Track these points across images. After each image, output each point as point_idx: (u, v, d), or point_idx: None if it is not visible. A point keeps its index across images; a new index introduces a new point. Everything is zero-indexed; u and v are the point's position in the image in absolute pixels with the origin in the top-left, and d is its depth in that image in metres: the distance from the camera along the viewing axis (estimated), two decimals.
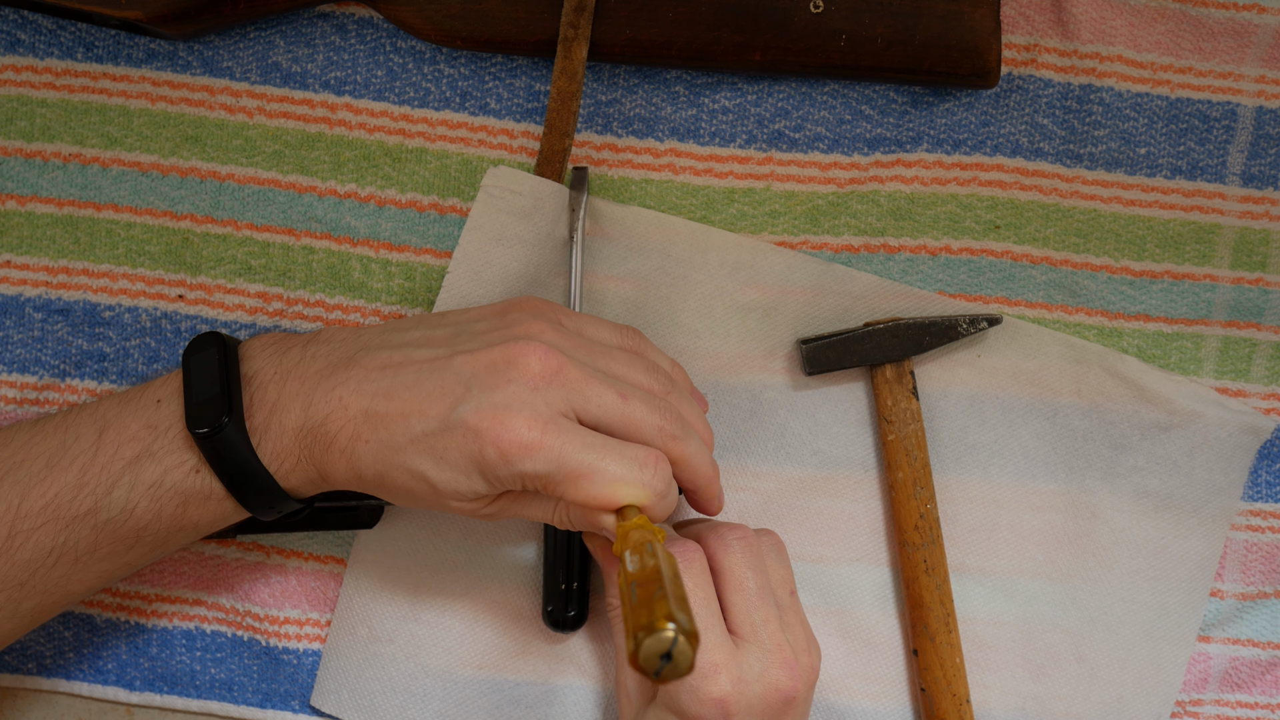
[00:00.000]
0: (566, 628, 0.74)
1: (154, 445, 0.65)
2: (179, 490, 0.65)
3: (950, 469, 0.77)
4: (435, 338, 0.66)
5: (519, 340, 0.64)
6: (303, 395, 0.65)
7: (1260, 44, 0.76)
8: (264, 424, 0.65)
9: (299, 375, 0.66)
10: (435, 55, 0.76)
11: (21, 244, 0.76)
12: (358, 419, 0.64)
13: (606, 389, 0.64)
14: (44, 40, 0.75)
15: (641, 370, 0.67)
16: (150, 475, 0.64)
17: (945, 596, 0.76)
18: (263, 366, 0.67)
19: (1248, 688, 0.79)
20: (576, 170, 0.75)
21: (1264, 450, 0.79)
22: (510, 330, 0.65)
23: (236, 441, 0.64)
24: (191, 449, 0.65)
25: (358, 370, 0.65)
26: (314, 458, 0.65)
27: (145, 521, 0.65)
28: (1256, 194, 0.78)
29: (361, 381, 0.65)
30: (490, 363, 0.63)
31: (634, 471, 0.62)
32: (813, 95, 0.77)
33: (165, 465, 0.64)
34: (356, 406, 0.64)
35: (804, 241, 0.77)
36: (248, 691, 0.77)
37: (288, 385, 0.66)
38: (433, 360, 0.64)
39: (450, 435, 0.62)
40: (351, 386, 0.65)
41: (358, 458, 0.64)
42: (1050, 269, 0.77)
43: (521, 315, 0.66)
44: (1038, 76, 0.77)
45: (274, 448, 0.65)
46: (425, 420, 0.63)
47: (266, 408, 0.65)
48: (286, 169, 0.76)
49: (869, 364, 0.75)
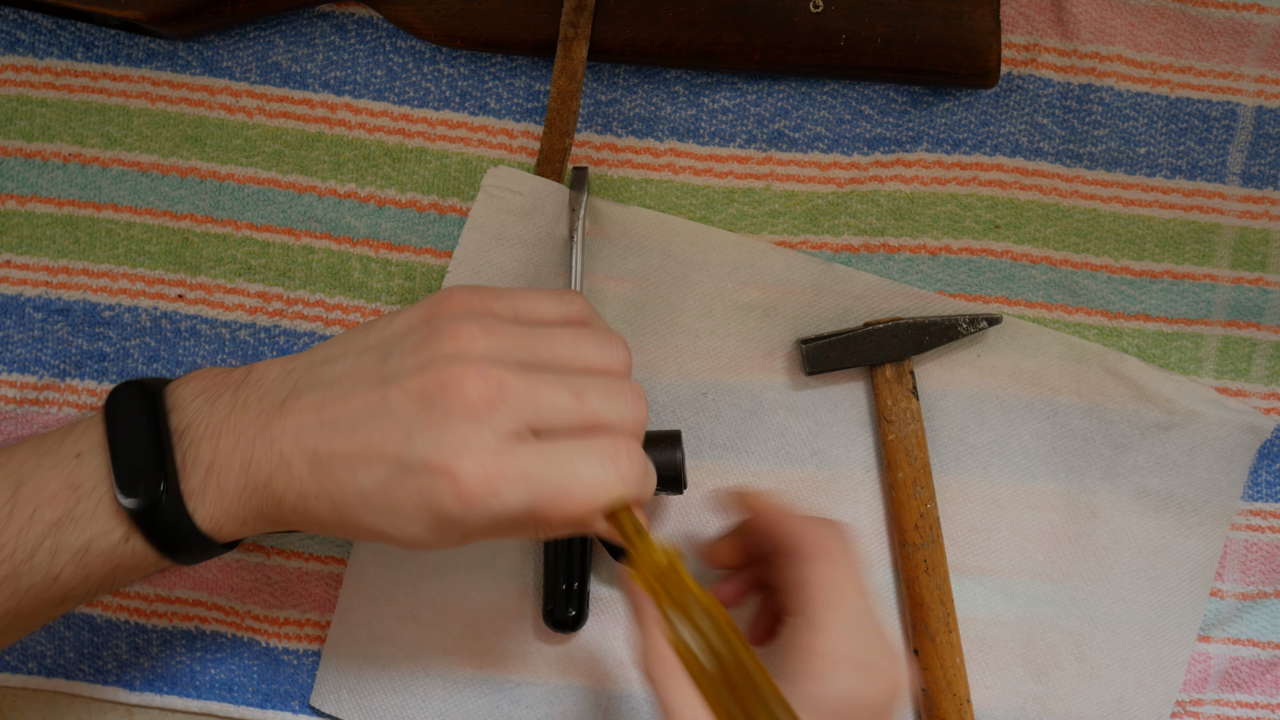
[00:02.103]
0: (567, 628, 0.74)
1: (76, 509, 0.60)
2: (107, 557, 0.60)
3: (950, 469, 0.77)
4: (364, 366, 0.59)
5: (450, 362, 0.57)
6: (240, 453, 0.59)
7: (1260, 44, 0.77)
8: (201, 487, 0.60)
9: (233, 428, 0.60)
10: (435, 55, 0.76)
11: (21, 244, 0.76)
12: (303, 475, 0.58)
13: (558, 390, 0.58)
14: (44, 40, 0.75)
15: (592, 346, 0.60)
16: (74, 541, 0.59)
17: (945, 596, 0.76)
18: (194, 419, 0.61)
19: (1248, 688, 0.79)
20: (576, 170, 0.75)
21: (1264, 450, 0.79)
22: (438, 344, 0.58)
23: (172, 511, 0.59)
24: (120, 516, 0.60)
25: (292, 417, 0.59)
26: (266, 514, 0.60)
27: (71, 585, 0.60)
28: (1256, 194, 0.78)
29: (299, 432, 0.59)
30: (424, 395, 0.56)
31: (608, 469, 0.57)
32: (812, 95, 0.77)
33: (91, 532, 0.60)
34: (299, 461, 0.58)
35: (804, 241, 0.77)
36: (248, 692, 0.77)
37: (222, 441, 0.60)
38: (366, 398, 0.58)
39: (402, 488, 0.56)
40: (290, 439, 0.59)
41: (312, 514, 0.59)
42: (1050, 269, 0.77)
43: (446, 319, 0.59)
44: (1038, 76, 0.77)
45: (213, 512, 0.60)
46: (372, 472, 0.57)
47: (202, 469, 0.60)
48: (286, 169, 0.76)
49: (869, 364, 0.75)
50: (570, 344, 0.60)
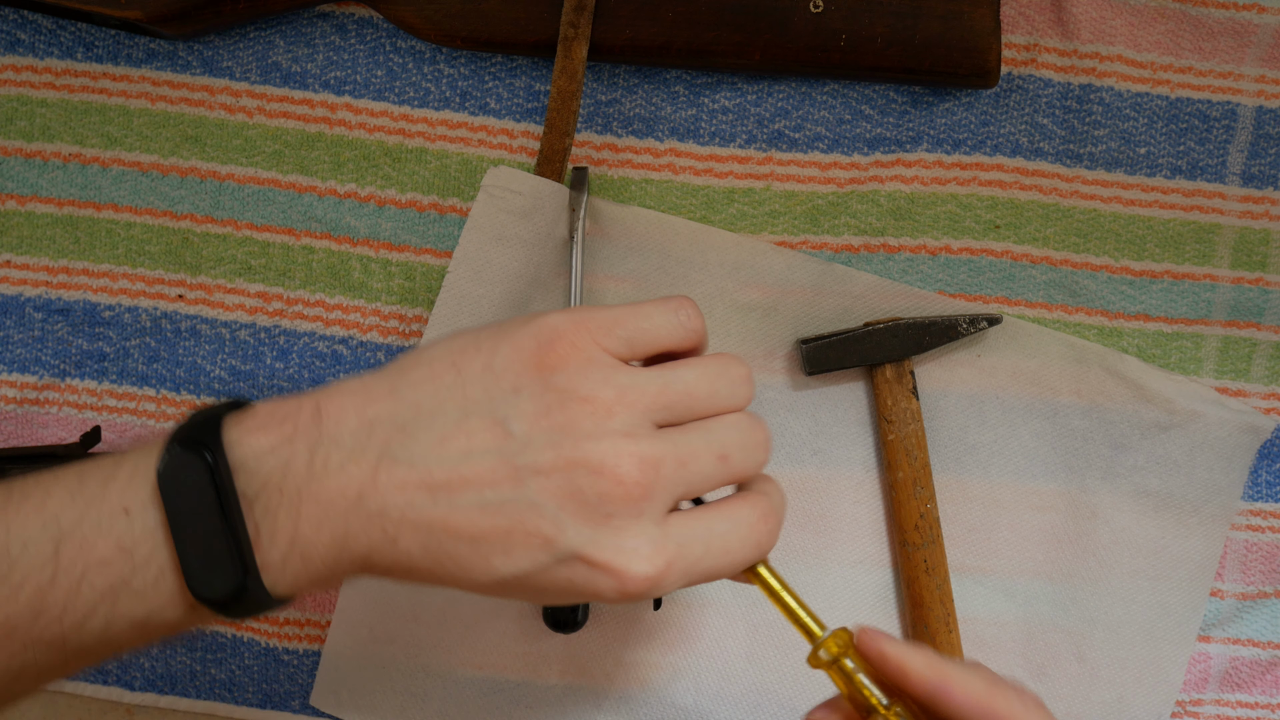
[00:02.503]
0: (567, 628, 0.74)
1: (134, 579, 0.52)
2: (169, 625, 0.54)
3: (950, 469, 0.77)
4: (474, 431, 0.53)
5: (595, 448, 0.52)
6: (330, 525, 0.53)
7: (1260, 44, 0.77)
8: (281, 562, 0.53)
9: (317, 496, 0.53)
10: (435, 55, 0.76)
11: (21, 244, 0.76)
12: (413, 553, 0.53)
13: (705, 459, 0.55)
14: (44, 40, 0.75)
15: (725, 386, 0.56)
16: (133, 612, 0.53)
17: (945, 596, 0.76)
18: (266, 481, 0.53)
19: (1248, 688, 0.79)
20: (576, 170, 0.75)
21: (1264, 450, 0.79)
22: (571, 422, 0.53)
23: (252, 595, 0.53)
24: (185, 594, 0.53)
25: (395, 491, 0.53)
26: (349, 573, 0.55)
27: (125, 647, 0.54)
28: (1256, 194, 0.78)
29: (407, 507, 0.53)
30: (573, 488, 0.52)
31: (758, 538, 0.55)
32: (813, 95, 0.77)
33: (153, 605, 0.53)
34: (409, 539, 0.53)
35: (804, 241, 0.77)
36: (248, 692, 0.77)
37: (305, 510, 0.53)
38: (494, 479, 0.53)
39: (550, 577, 0.53)
40: (396, 515, 0.53)
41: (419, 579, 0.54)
42: (1050, 269, 0.77)
43: (569, 381, 0.54)
44: (1038, 76, 0.77)
45: (295, 583, 0.54)
46: (511, 560, 0.52)
47: (283, 543, 0.53)
48: (286, 169, 0.76)
49: (869, 364, 0.75)
50: (705, 388, 0.56)
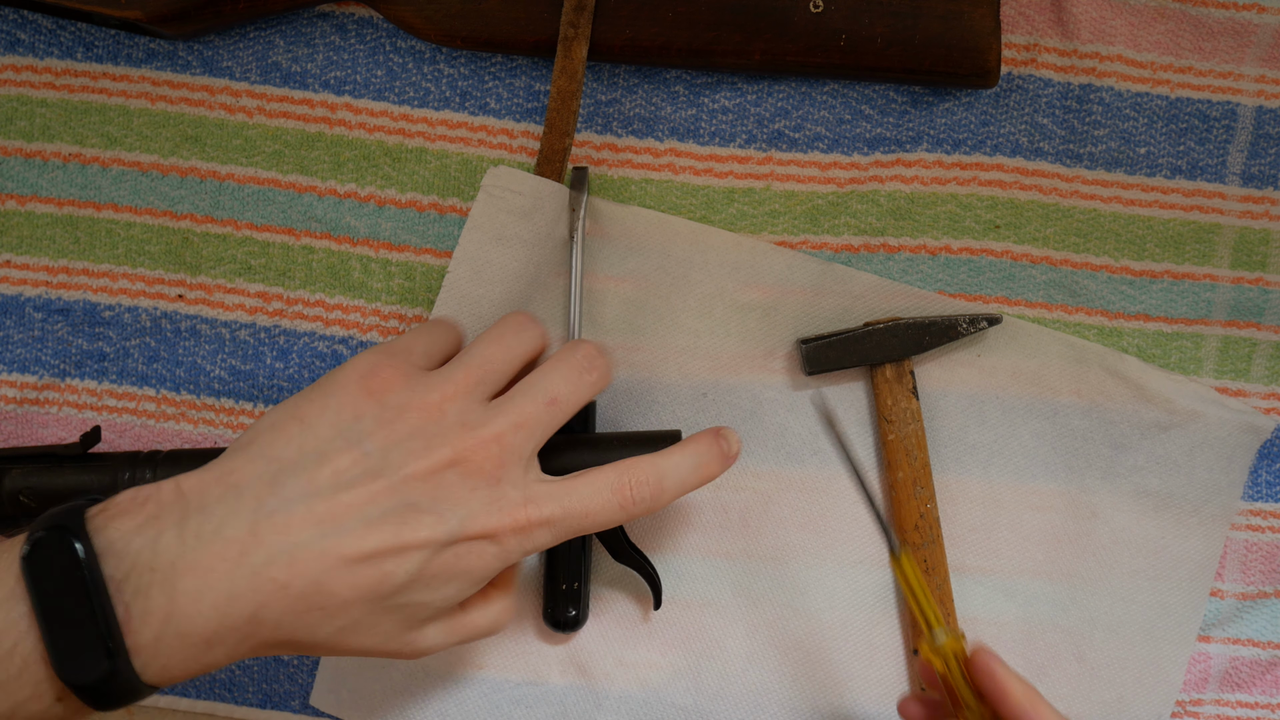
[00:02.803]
0: (567, 628, 0.74)
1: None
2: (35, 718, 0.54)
3: (950, 469, 0.77)
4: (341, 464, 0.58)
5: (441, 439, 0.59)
6: (211, 593, 0.54)
7: (1260, 44, 0.77)
8: (154, 641, 0.54)
9: (192, 565, 0.54)
10: (435, 55, 0.76)
11: (21, 244, 0.76)
12: (308, 592, 0.56)
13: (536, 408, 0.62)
14: (44, 40, 0.75)
15: (514, 338, 0.65)
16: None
17: (945, 596, 0.76)
18: (135, 562, 0.54)
19: (1248, 688, 0.79)
20: (576, 170, 0.75)
21: (1264, 450, 0.79)
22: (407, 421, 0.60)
23: (120, 678, 0.53)
24: (50, 682, 0.53)
25: (279, 535, 0.56)
26: (235, 653, 0.56)
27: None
28: (1256, 194, 0.78)
29: (296, 548, 0.56)
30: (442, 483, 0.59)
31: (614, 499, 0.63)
32: (812, 95, 0.77)
33: (17, 699, 0.53)
34: (300, 581, 0.55)
35: (804, 241, 0.77)
36: (248, 692, 0.77)
37: (180, 582, 0.54)
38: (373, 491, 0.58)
39: (439, 564, 0.58)
40: (285, 560, 0.55)
41: (307, 638, 0.57)
42: (1050, 269, 0.77)
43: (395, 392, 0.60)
44: (1038, 76, 0.77)
45: (167, 664, 0.55)
46: (405, 561, 0.57)
47: (156, 621, 0.54)
48: (286, 169, 0.76)
49: (869, 364, 0.75)
50: (499, 351, 0.63)
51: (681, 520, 0.76)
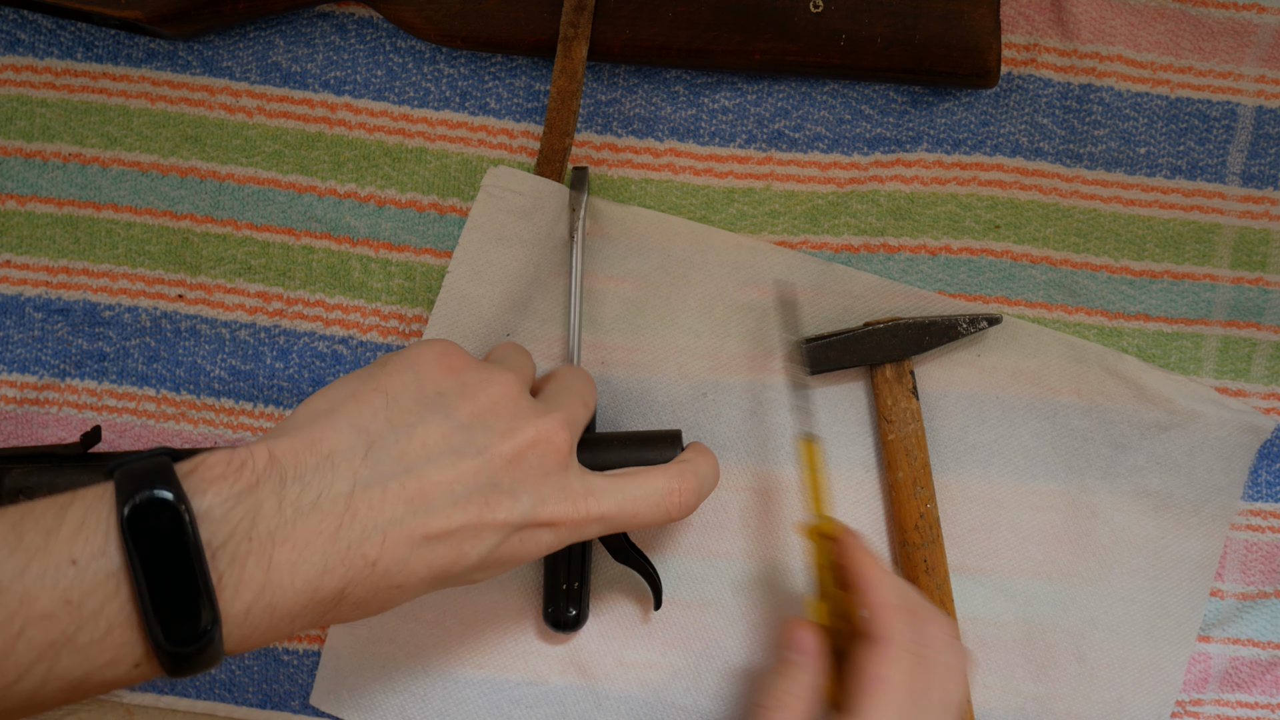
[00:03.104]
0: (567, 628, 0.74)
1: (79, 635, 0.50)
2: (104, 683, 0.52)
3: (950, 469, 0.77)
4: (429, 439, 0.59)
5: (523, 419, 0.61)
6: (305, 565, 0.54)
7: (1260, 44, 0.77)
8: (245, 612, 0.53)
9: (289, 537, 0.54)
10: (435, 55, 0.76)
11: (21, 244, 0.76)
12: (390, 570, 0.56)
13: (578, 407, 0.66)
14: (44, 40, 0.75)
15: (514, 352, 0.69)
16: (72, 670, 0.50)
17: (945, 596, 0.76)
18: (232, 529, 0.53)
19: (1248, 688, 0.79)
20: (577, 170, 0.75)
21: (1264, 450, 0.79)
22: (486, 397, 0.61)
23: (212, 648, 0.52)
24: (135, 646, 0.51)
25: (374, 512, 0.56)
26: (307, 624, 0.56)
27: (49, 705, 0.52)
28: (1256, 194, 0.78)
29: (389, 526, 0.56)
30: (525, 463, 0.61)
31: (663, 504, 0.65)
32: (812, 95, 0.77)
33: (95, 663, 0.51)
34: (389, 558, 0.56)
35: (804, 241, 0.77)
36: (248, 692, 0.77)
37: (277, 553, 0.53)
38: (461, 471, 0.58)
39: (508, 547, 0.60)
40: (378, 538, 0.56)
41: (375, 610, 0.58)
42: (1050, 269, 0.77)
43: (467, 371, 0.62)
44: (1038, 76, 0.77)
45: (249, 635, 0.54)
46: (480, 543, 0.59)
47: (251, 592, 0.53)
48: (286, 169, 0.76)
49: (869, 364, 0.75)
50: (516, 358, 0.68)
51: (682, 521, 0.76)
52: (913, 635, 0.63)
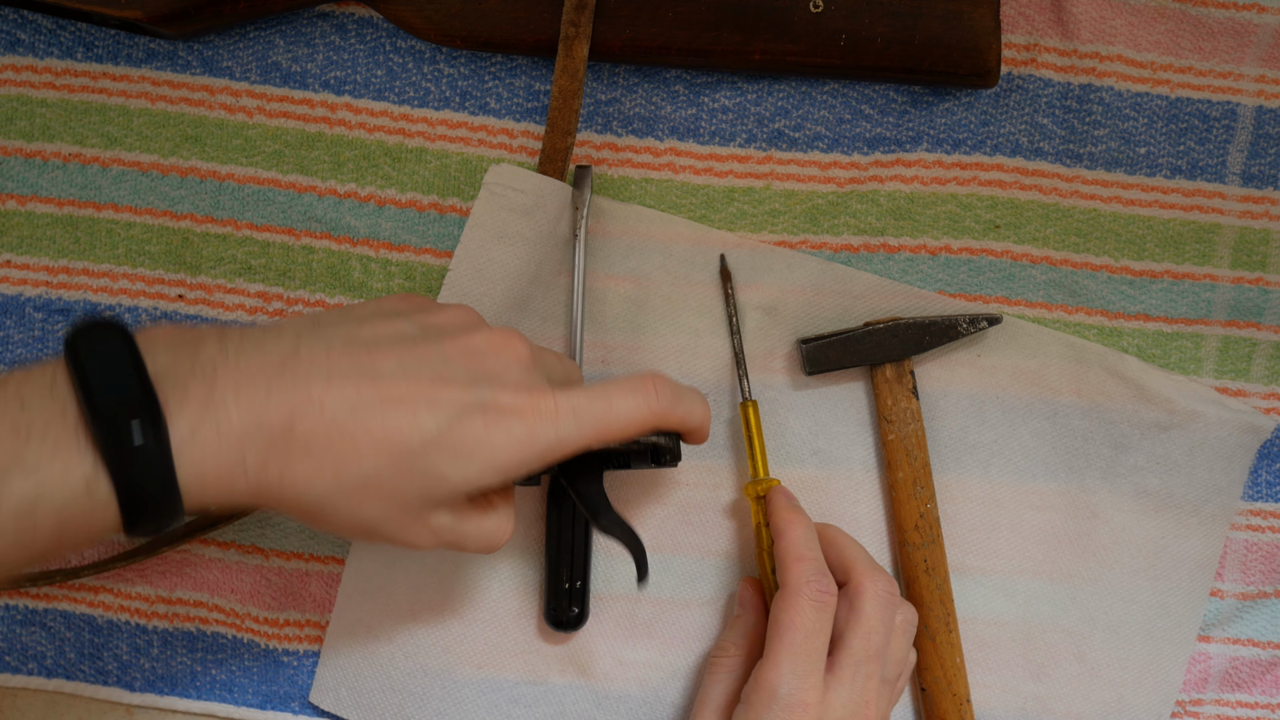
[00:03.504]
0: (568, 627, 0.74)
1: (25, 453, 0.51)
2: (59, 512, 0.51)
3: (950, 469, 0.77)
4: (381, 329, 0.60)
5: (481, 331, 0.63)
6: (249, 390, 0.54)
7: (1260, 44, 0.77)
8: (192, 430, 0.53)
9: (232, 368, 0.55)
10: (435, 55, 0.76)
11: (22, 244, 0.76)
12: (340, 416, 0.56)
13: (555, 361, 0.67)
14: (44, 40, 0.75)
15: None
16: (20, 492, 0.50)
17: (945, 596, 0.76)
18: (174, 360, 0.54)
19: (1248, 687, 0.79)
20: (579, 169, 0.75)
21: (1264, 450, 0.79)
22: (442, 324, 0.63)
23: (155, 460, 0.52)
24: (83, 454, 0.51)
25: (319, 360, 0.57)
26: (264, 469, 0.55)
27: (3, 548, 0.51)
28: (1256, 194, 0.78)
29: (332, 374, 0.56)
30: (478, 350, 0.61)
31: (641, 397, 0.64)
32: (812, 95, 0.77)
33: (42, 478, 0.51)
34: (334, 403, 0.56)
35: (804, 241, 0.77)
36: (248, 693, 0.77)
37: (220, 378, 0.54)
38: (414, 352, 0.59)
39: (467, 426, 0.58)
40: (322, 379, 0.56)
41: (330, 483, 0.56)
42: (1050, 268, 0.77)
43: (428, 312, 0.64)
44: (1037, 76, 0.77)
45: (203, 458, 0.53)
46: (435, 413, 0.58)
47: (194, 407, 0.53)
48: (286, 169, 0.76)
49: (869, 364, 0.75)
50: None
51: (681, 519, 0.77)
52: (817, 584, 0.67)
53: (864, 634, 0.68)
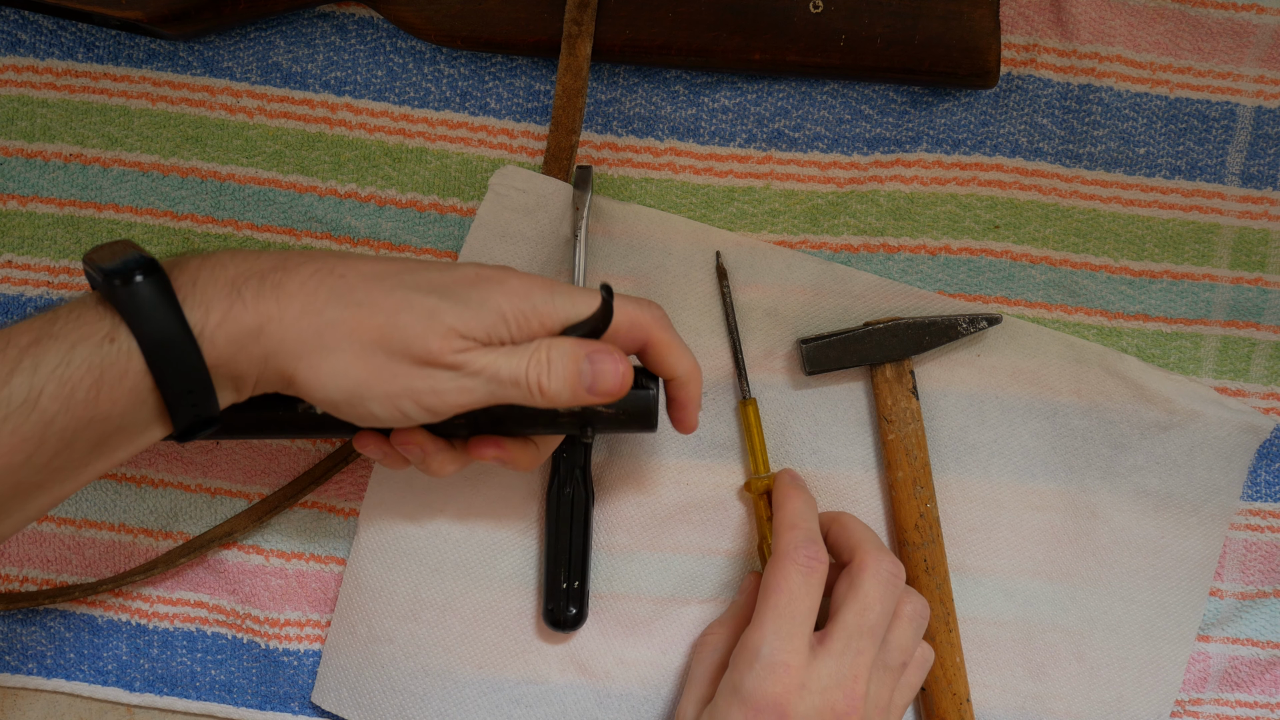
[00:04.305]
0: (567, 627, 0.74)
1: (54, 326, 0.58)
2: (90, 365, 0.57)
3: (950, 468, 0.77)
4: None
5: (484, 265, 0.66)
6: (242, 255, 0.61)
7: (1259, 44, 0.77)
8: (192, 279, 0.59)
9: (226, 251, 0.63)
10: (435, 55, 0.76)
11: (23, 244, 0.76)
12: (329, 260, 0.62)
13: None
14: (44, 40, 0.75)
15: None
16: (54, 355, 0.57)
17: (945, 596, 0.76)
18: (179, 256, 0.62)
19: (1247, 687, 0.79)
20: (581, 169, 0.75)
21: (1263, 450, 0.79)
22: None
23: (158, 292, 0.58)
24: (102, 314, 0.58)
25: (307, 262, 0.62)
26: (259, 297, 0.60)
27: (52, 413, 0.57)
28: (1255, 194, 0.78)
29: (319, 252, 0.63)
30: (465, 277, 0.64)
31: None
32: (812, 95, 0.77)
33: (71, 340, 0.57)
34: (323, 256, 0.62)
35: (804, 241, 0.77)
36: (247, 693, 0.77)
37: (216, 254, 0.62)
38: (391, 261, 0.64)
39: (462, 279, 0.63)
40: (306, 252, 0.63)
41: (323, 297, 0.61)
42: (1050, 269, 0.77)
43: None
44: (1037, 76, 0.77)
45: (203, 297, 0.59)
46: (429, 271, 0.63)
47: (193, 266, 0.60)
48: (287, 169, 0.76)
49: (869, 364, 0.76)
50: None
51: (682, 520, 0.77)
52: (806, 550, 0.68)
53: (859, 609, 0.68)
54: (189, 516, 0.76)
